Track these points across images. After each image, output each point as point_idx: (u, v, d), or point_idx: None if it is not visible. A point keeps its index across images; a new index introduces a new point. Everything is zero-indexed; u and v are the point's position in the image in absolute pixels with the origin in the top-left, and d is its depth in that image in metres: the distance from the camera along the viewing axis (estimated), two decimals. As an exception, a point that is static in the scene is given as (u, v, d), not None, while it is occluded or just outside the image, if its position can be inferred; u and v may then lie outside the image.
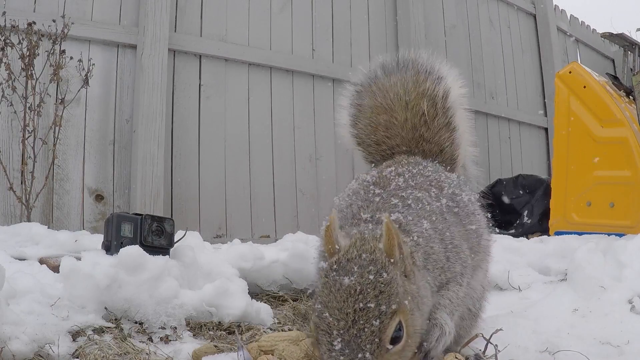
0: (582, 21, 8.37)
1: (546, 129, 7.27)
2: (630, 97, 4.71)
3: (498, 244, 3.62)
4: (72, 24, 3.70)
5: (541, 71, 7.43)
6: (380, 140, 2.31)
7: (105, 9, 4.08)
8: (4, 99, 3.44)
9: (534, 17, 7.47)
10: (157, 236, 2.39)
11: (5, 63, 3.43)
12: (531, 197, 5.31)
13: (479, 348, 1.78)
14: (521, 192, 5.40)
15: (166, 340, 1.97)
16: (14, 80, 3.44)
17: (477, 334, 1.81)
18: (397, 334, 1.38)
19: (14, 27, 3.49)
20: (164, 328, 2.03)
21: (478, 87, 6.57)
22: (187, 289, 2.21)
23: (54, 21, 3.59)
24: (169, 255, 2.40)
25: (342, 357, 1.34)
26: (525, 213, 5.23)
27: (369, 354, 1.33)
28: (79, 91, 3.79)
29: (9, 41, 3.44)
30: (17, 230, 2.93)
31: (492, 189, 5.51)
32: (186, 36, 4.41)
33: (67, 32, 3.64)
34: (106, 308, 2.03)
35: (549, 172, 6.18)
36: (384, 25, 5.74)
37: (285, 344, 1.73)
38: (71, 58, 3.69)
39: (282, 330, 2.28)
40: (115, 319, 2.01)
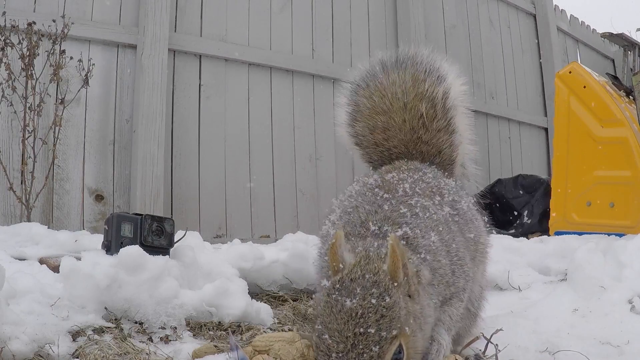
0: (582, 21, 8.37)
1: (546, 129, 7.26)
2: (630, 97, 4.71)
3: (498, 244, 3.62)
4: (72, 24, 3.70)
5: (541, 71, 7.43)
6: (378, 141, 2.29)
7: (105, 9, 4.08)
8: (4, 99, 3.44)
9: (534, 17, 7.47)
10: (157, 236, 2.38)
11: (5, 63, 3.43)
12: (531, 197, 5.30)
13: (479, 348, 1.78)
14: (521, 192, 5.40)
15: (166, 340, 1.97)
16: (14, 80, 3.44)
17: (478, 336, 1.81)
18: (396, 357, 1.37)
19: (14, 27, 3.49)
20: (164, 328, 2.03)
21: (478, 87, 6.57)
22: (187, 289, 2.21)
23: (54, 21, 3.59)
24: (169, 255, 2.39)
25: None
26: (525, 213, 5.22)
27: None
28: (79, 91, 3.79)
29: (9, 41, 3.44)
30: (17, 230, 2.93)
31: (492, 188, 5.51)
32: (186, 36, 4.41)
33: (67, 32, 3.64)
34: (106, 308, 2.03)
35: (549, 172, 6.18)
36: (384, 25, 5.74)
37: (281, 344, 1.73)
38: (71, 58, 3.69)
39: (282, 330, 2.28)
40: (115, 319, 2.01)
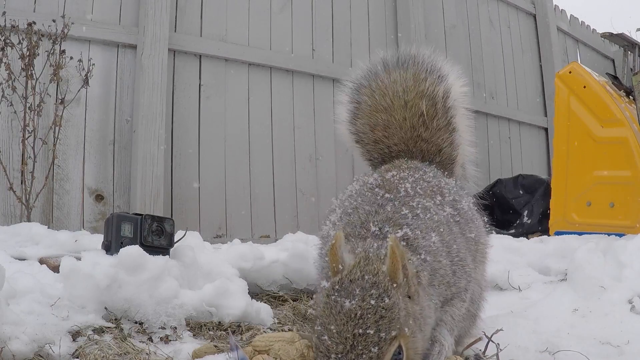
0: (582, 21, 8.37)
1: (546, 129, 7.26)
2: (630, 97, 4.71)
3: (498, 244, 3.62)
4: (72, 24, 3.70)
5: (541, 71, 7.43)
6: (378, 139, 2.29)
7: (105, 9, 4.08)
8: (4, 99, 3.44)
9: (534, 17, 7.47)
10: (157, 236, 2.38)
11: (5, 63, 3.43)
12: (531, 197, 5.30)
13: (479, 348, 1.78)
14: (521, 192, 5.40)
15: (166, 340, 1.97)
16: (14, 80, 3.43)
17: (480, 337, 1.81)
18: (396, 358, 1.37)
19: (14, 27, 3.49)
20: (164, 328, 2.03)
21: (478, 87, 6.57)
22: (187, 289, 2.21)
23: (54, 21, 3.59)
24: (169, 255, 2.39)
25: None
26: (525, 213, 5.22)
27: None
28: (79, 91, 3.79)
29: (9, 41, 3.44)
30: (17, 230, 2.93)
31: (492, 189, 5.51)
32: (186, 36, 4.41)
33: (67, 32, 3.63)
34: (106, 308, 2.03)
35: (549, 172, 6.18)
36: (384, 25, 5.74)
37: (281, 344, 1.73)
38: (71, 58, 3.69)
39: (282, 330, 2.28)
40: (115, 319, 2.01)
